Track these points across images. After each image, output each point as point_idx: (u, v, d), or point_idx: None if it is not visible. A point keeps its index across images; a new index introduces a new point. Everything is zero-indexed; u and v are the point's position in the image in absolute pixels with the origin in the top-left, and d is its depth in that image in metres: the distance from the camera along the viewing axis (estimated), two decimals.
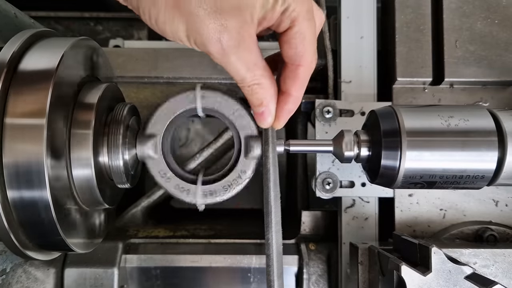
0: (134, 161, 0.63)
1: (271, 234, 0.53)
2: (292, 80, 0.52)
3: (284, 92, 0.53)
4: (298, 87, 0.53)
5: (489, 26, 0.80)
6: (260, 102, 0.52)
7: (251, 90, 0.51)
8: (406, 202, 0.79)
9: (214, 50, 0.46)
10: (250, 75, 0.49)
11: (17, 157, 0.49)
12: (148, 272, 0.85)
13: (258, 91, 0.51)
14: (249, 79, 0.49)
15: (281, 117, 0.55)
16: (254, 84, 0.50)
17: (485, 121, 0.57)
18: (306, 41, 0.50)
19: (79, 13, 1.29)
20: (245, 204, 1.27)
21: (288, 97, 0.53)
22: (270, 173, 0.56)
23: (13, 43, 0.53)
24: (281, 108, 0.54)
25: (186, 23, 0.45)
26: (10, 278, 0.70)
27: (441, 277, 0.54)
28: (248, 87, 0.50)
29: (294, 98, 0.54)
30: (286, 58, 0.52)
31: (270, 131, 0.58)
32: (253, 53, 0.48)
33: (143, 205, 0.96)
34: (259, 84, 0.50)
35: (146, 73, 0.93)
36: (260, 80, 0.50)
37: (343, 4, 0.87)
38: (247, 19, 0.45)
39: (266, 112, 0.53)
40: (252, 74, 0.49)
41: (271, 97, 0.52)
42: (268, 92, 0.52)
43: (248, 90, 0.51)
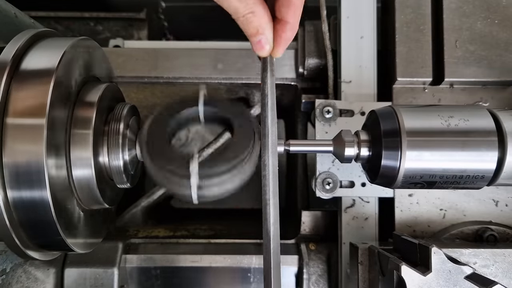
0: (134, 161, 0.63)
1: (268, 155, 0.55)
2: (287, 7, 0.53)
3: (280, 19, 0.54)
4: (293, 13, 0.54)
5: (489, 26, 0.80)
6: (256, 30, 0.53)
7: (246, 19, 0.52)
8: (406, 202, 0.79)
9: None
10: (243, 4, 0.50)
11: (17, 157, 0.49)
12: (148, 272, 0.85)
13: (253, 19, 0.52)
14: (242, 9, 0.50)
15: (279, 45, 0.55)
16: (248, 13, 0.51)
17: (485, 121, 0.57)
18: None
19: (79, 13, 1.29)
20: (245, 205, 1.27)
21: (284, 24, 0.54)
22: (268, 98, 0.57)
23: (15, 43, 0.53)
24: (279, 36, 0.55)
25: None
26: (10, 278, 0.70)
27: (441, 277, 0.54)
28: (242, 17, 0.51)
29: (291, 25, 0.54)
30: None
31: (269, 59, 0.58)
32: None
33: (143, 205, 0.96)
34: (253, 12, 0.51)
35: (146, 73, 0.93)
36: (253, 8, 0.51)
37: (343, 4, 0.87)
38: None
39: (263, 40, 0.54)
40: (245, 3, 0.50)
41: (266, 23, 0.53)
42: (263, 19, 0.52)
43: (243, 20, 0.52)
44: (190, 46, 1.02)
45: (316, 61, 0.91)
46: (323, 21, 0.86)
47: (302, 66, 0.92)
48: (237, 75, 0.94)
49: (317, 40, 0.92)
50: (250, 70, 0.93)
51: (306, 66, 0.92)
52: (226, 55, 0.94)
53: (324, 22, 0.86)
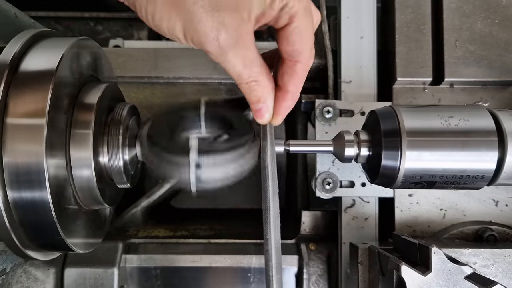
0: (134, 161, 0.63)
1: (270, 229, 0.54)
2: (290, 76, 0.53)
3: (282, 88, 0.54)
4: (296, 83, 0.53)
5: (489, 26, 0.80)
6: (258, 99, 0.52)
7: (249, 87, 0.51)
8: (406, 202, 0.79)
9: (211, 48, 0.46)
10: (247, 72, 0.49)
11: (17, 157, 0.49)
12: (148, 272, 0.85)
13: (256, 88, 0.51)
14: (246, 76, 0.50)
15: (279, 113, 0.55)
16: (252, 81, 0.50)
17: (485, 121, 0.57)
18: (304, 37, 0.50)
19: (79, 13, 1.29)
20: (245, 205, 1.27)
21: (286, 93, 0.54)
22: (269, 170, 0.56)
23: (14, 43, 0.53)
24: (279, 105, 0.54)
25: (183, 20, 0.44)
26: (10, 278, 0.70)
27: (441, 277, 0.54)
28: (245, 84, 0.51)
29: (292, 94, 0.54)
30: (284, 54, 0.52)
31: (268, 128, 0.58)
32: (250, 50, 0.48)
33: (143, 205, 0.96)
34: (257, 81, 0.50)
35: (146, 73, 0.93)
36: (257, 77, 0.50)
37: (343, 4, 0.87)
38: (245, 16, 0.45)
39: (264, 109, 0.53)
40: (249, 71, 0.49)
41: (269, 93, 0.53)
42: (266, 89, 0.52)
43: (246, 87, 0.51)
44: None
45: (316, 61, 0.91)
46: (323, 21, 0.86)
47: None
48: None
49: (317, 40, 0.92)
50: None
51: None
52: None
53: (324, 22, 0.86)
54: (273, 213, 0.54)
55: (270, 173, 0.56)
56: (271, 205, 0.54)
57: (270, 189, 0.55)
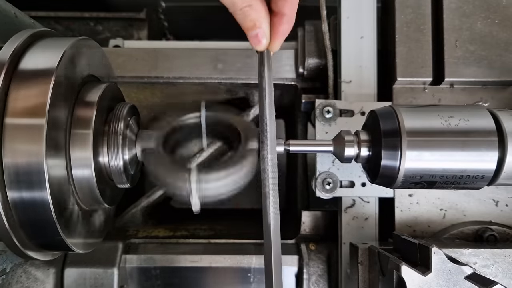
0: (134, 161, 0.63)
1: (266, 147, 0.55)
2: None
3: (277, 12, 0.54)
4: (290, 5, 0.54)
5: (489, 26, 0.80)
6: (253, 24, 0.53)
7: (243, 13, 0.52)
8: (406, 202, 0.79)
9: None
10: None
11: (17, 157, 0.49)
12: (148, 272, 0.85)
13: (250, 13, 0.52)
14: (240, 2, 0.51)
15: (276, 38, 0.55)
16: (245, 7, 0.51)
17: (485, 121, 0.57)
18: None
19: (79, 13, 1.29)
20: (245, 205, 1.27)
21: (281, 17, 0.54)
22: (266, 92, 0.57)
23: (12, 43, 0.53)
24: (276, 29, 0.55)
25: None
26: (10, 278, 0.70)
27: (441, 277, 0.54)
28: (239, 11, 0.51)
29: (288, 17, 0.54)
30: None
31: (266, 53, 0.58)
32: None
33: (143, 205, 0.96)
34: (250, 5, 0.51)
35: (146, 73, 0.93)
36: (250, 2, 0.51)
37: (343, 4, 0.87)
38: None
39: (260, 34, 0.54)
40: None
41: (263, 17, 0.53)
42: (260, 13, 0.52)
43: (240, 13, 0.52)
44: (190, 46, 1.02)
45: (316, 61, 0.91)
46: (323, 21, 0.86)
47: (302, 66, 0.92)
48: (237, 75, 0.93)
49: (317, 40, 0.92)
50: (250, 70, 0.93)
51: (306, 66, 0.91)
52: (226, 55, 0.94)
53: (324, 22, 0.86)
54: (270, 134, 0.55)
55: (268, 96, 0.56)
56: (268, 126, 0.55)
57: (267, 111, 0.56)
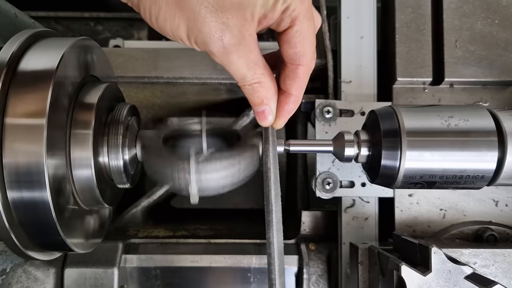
0: (134, 161, 0.63)
1: (272, 232, 0.53)
2: (292, 79, 0.53)
3: (285, 91, 0.54)
4: (298, 86, 0.53)
5: (489, 26, 0.80)
6: (261, 101, 0.52)
7: (252, 89, 0.51)
8: (406, 202, 0.79)
9: (215, 49, 0.46)
10: (250, 73, 0.49)
11: (17, 157, 0.49)
12: (148, 272, 0.85)
13: (259, 89, 0.51)
14: (249, 78, 0.50)
15: (281, 117, 0.55)
16: (255, 83, 0.50)
17: (485, 121, 0.57)
18: (306, 40, 0.50)
19: (79, 13, 1.29)
20: (245, 205, 1.27)
21: (288, 96, 0.54)
22: (271, 172, 0.56)
23: (12, 43, 0.53)
24: (282, 108, 0.54)
25: (187, 21, 0.45)
26: (10, 278, 0.70)
27: (441, 277, 0.54)
28: (249, 86, 0.51)
29: (295, 97, 0.54)
30: (286, 57, 0.52)
31: (270, 130, 0.58)
32: (254, 51, 0.48)
33: (143, 205, 0.96)
34: (260, 82, 0.50)
35: (146, 73, 0.93)
36: (260, 79, 0.50)
37: (343, 4, 0.87)
38: (248, 17, 0.46)
39: (267, 111, 0.53)
40: (253, 73, 0.49)
41: (272, 95, 0.52)
42: (269, 91, 0.52)
43: (249, 89, 0.51)
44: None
45: (316, 61, 0.91)
46: (323, 21, 0.86)
47: None
48: None
49: (317, 40, 0.92)
50: None
51: None
52: None
53: (324, 22, 0.86)
54: (276, 216, 0.54)
55: (273, 175, 0.56)
56: (273, 208, 0.54)
57: (273, 192, 0.55)
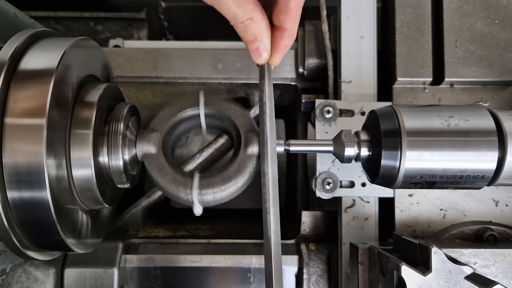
0: (134, 161, 0.63)
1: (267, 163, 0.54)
2: (285, 14, 0.53)
3: (279, 27, 0.54)
4: (291, 20, 0.54)
5: (489, 26, 0.80)
6: (254, 37, 0.53)
7: (244, 26, 0.51)
8: (406, 202, 0.79)
9: None
10: (241, 10, 0.50)
11: (17, 157, 0.49)
12: (148, 272, 0.85)
13: (251, 25, 0.52)
14: (241, 15, 0.50)
15: (277, 53, 0.55)
16: (247, 19, 0.51)
17: (485, 121, 0.57)
18: None
19: (79, 13, 1.29)
20: (245, 205, 1.27)
21: (283, 32, 0.54)
22: (266, 106, 0.57)
23: (12, 43, 0.53)
24: (277, 43, 0.55)
25: None
26: (10, 278, 0.70)
27: (441, 277, 0.54)
28: (241, 23, 0.51)
29: (289, 32, 0.54)
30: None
31: (266, 67, 0.58)
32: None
33: (143, 205, 0.96)
34: (251, 18, 0.51)
35: (146, 73, 0.93)
36: (251, 15, 0.51)
37: (343, 4, 0.87)
38: None
39: (261, 47, 0.54)
40: (244, 10, 0.50)
41: (265, 30, 0.53)
42: (261, 26, 0.52)
43: (241, 26, 0.52)
44: (190, 46, 1.02)
45: (316, 61, 0.91)
46: (323, 21, 0.86)
47: (302, 66, 0.92)
48: (237, 75, 0.93)
49: (317, 40, 0.92)
50: (250, 70, 0.93)
51: (306, 66, 0.91)
52: (226, 55, 0.94)
53: (324, 22, 0.86)
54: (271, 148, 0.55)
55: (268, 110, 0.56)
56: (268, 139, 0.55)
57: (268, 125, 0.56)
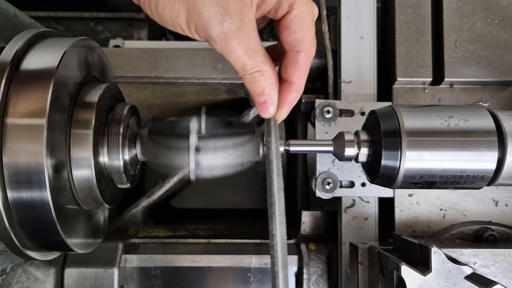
0: (134, 161, 0.63)
1: (275, 225, 0.53)
2: (293, 67, 0.52)
3: (286, 80, 0.53)
4: (299, 74, 0.53)
5: (489, 26, 0.80)
6: (262, 91, 0.51)
7: (253, 78, 0.50)
8: (406, 202, 0.79)
9: (215, 34, 0.45)
10: (251, 61, 0.49)
11: (17, 157, 0.49)
12: (148, 272, 0.85)
13: (260, 78, 0.50)
14: (250, 66, 0.49)
15: (283, 107, 0.54)
16: (256, 72, 0.49)
17: (485, 121, 0.57)
18: (305, 25, 0.50)
19: (79, 13, 1.29)
20: (245, 205, 1.28)
21: (290, 85, 0.53)
22: (273, 164, 0.55)
23: (14, 43, 0.53)
24: (284, 97, 0.53)
25: (187, 6, 0.44)
26: (10, 278, 0.70)
27: (441, 277, 0.54)
28: (249, 75, 0.50)
29: (297, 86, 0.53)
30: (286, 44, 0.51)
31: (272, 122, 0.57)
32: (254, 38, 0.48)
33: (143, 205, 0.96)
34: (261, 71, 0.50)
35: (146, 73, 0.93)
36: (261, 67, 0.49)
37: (343, 4, 0.87)
38: (247, 2, 0.46)
39: (268, 101, 0.52)
40: (254, 61, 0.49)
41: (273, 84, 0.52)
42: (270, 80, 0.51)
43: (250, 78, 0.50)
44: (190, 46, 1.02)
45: (316, 61, 0.91)
46: (323, 21, 0.86)
47: None
48: (237, 75, 0.92)
49: (317, 40, 0.92)
50: None
51: None
52: None
53: (324, 22, 0.86)
54: (279, 209, 0.53)
55: (275, 168, 0.55)
56: (276, 200, 0.54)
57: (275, 184, 0.54)
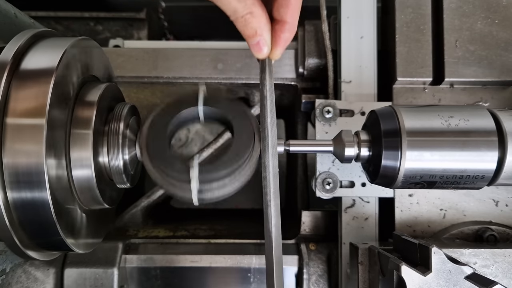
0: (134, 161, 0.63)
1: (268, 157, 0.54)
2: (286, 7, 0.53)
3: (279, 20, 0.54)
4: (292, 13, 0.54)
5: (489, 26, 0.80)
6: (254, 31, 0.53)
7: (244, 20, 0.51)
8: (406, 202, 0.79)
9: None
10: (241, 5, 0.50)
11: (17, 157, 0.49)
12: (148, 272, 0.85)
13: (251, 20, 0.52)
14: (241, 9, 0.50)
15: (278, 46, 0.55)
16: (247, 14, 0.51)
17: (485, 121, 0.57)
18: None
19: (79, 13, 1.29)
20: (245, 205, 1.28)
21: (283, 25, 0.54)
22: (267, 100, 0.56)
23: (14, 43, 0.53)
24: (278, 37, 0.55)
25: None
26: (10, 278, 0.70)
27: (441, 277, 0.54)
28: (241, 18, 0.51)
29: (289, 25, 0.54)
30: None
31: (267, 61, 0.58)
32: None
33: (143, 205, 0.96)
34: (251, 12, 0.51)
35: (146, 73, 0.93)
36: (251, 9, 0.51)
37: (343, 4, 0.87)
38: None
39: (261, 41, 0.54)
40: (244, 4, 0.50)
41: (265, 25, 0.53)
42: (261, 20, 0.52)
43: (241, 21, 0.52)
44: (190, 46, 1.02)
45: (316, 61, 0.91)
46: (323, 21, 0.86)
47: (302, 66, 0.92)
48: (237, 75, 0.94)
49: (317, 40, 0.92)
50: (250, 70, 0.93)
51: (306, 66, 0.92)
52: (226, 55, 0.94)
53: (324, 22, 0.86)
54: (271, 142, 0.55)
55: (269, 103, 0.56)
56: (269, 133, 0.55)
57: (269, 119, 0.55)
